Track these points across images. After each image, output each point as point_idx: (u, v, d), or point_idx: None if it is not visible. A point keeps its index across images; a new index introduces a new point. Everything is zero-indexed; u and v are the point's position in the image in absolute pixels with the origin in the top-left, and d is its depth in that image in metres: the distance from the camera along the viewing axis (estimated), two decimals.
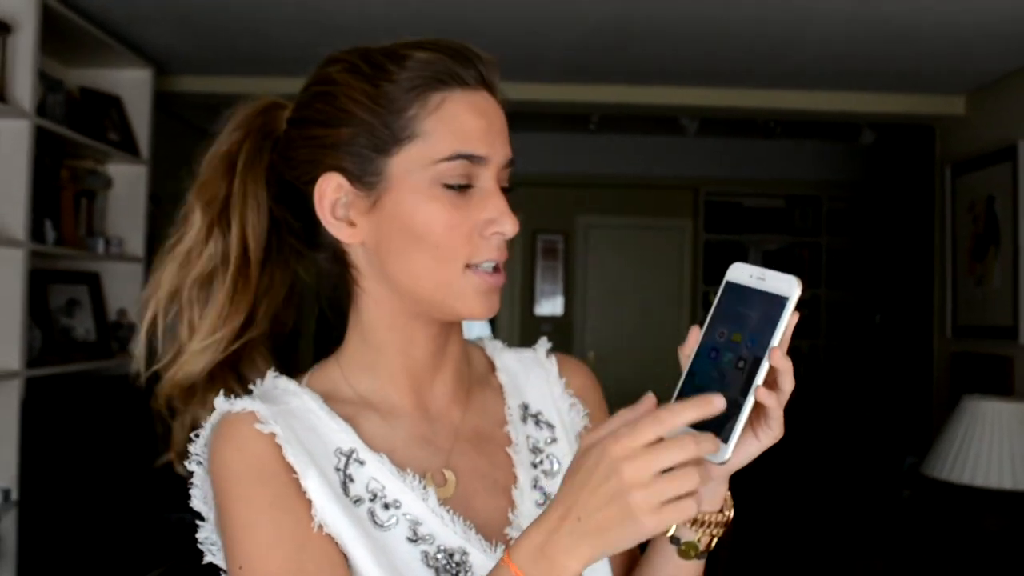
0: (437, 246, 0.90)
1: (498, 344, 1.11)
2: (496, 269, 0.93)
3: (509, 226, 0.91)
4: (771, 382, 0.79)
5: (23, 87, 3.09)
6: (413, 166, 0.90)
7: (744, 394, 0.77)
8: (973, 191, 4.58)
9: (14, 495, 3.03)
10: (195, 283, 0.97)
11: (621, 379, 6.82)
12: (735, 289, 0.83)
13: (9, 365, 3.04)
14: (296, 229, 0.99)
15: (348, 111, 0.91)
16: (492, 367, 1.09)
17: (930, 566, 2.98)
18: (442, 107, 0.90)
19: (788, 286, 0.79)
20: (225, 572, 0.90)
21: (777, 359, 0.77)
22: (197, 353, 0.96)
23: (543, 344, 1.12)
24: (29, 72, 3.11)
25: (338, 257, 0.98)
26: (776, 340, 0.78)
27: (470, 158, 0.90)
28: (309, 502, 0.86)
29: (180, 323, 0.97)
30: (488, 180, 0.92)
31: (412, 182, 0.90)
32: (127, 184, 3.94)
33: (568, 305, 7.38)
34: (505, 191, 0.94)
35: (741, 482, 0.91)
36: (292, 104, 0.99)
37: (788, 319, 0.78)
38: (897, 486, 5.06)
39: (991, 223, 4.38)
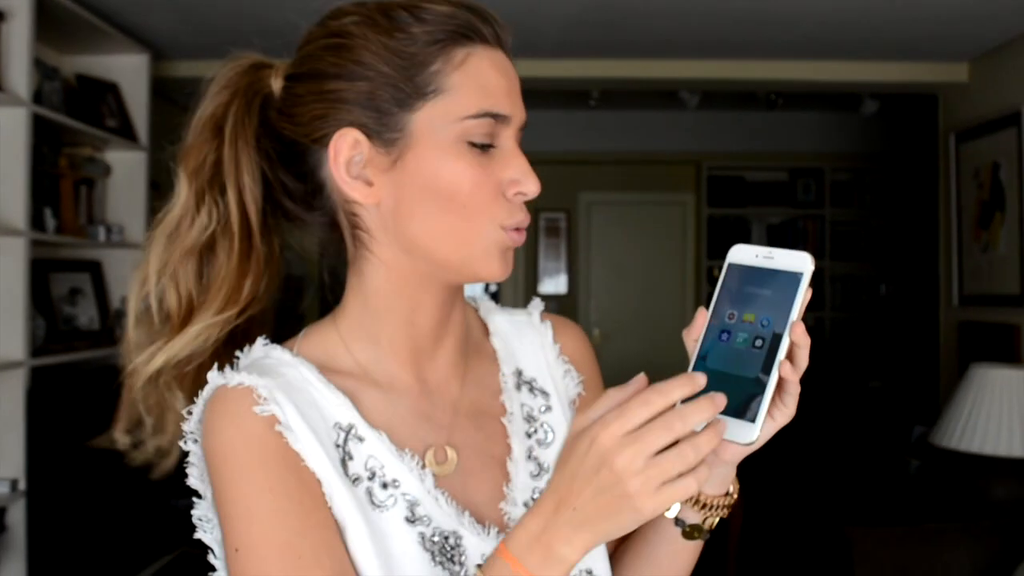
0: (465, 205, 0.87)
1: (492, 305, 1.08)
2: (517, 230, 0.91)
3: (532, 186, 0.89)
4: (789, 358, 0.78)
5: (19, 75, 3.08)
6: (438, 122, 0.86)
7: (766, 372, 0.77)
8: (978, 158, 4.55)
9: (22, 485, 3.04)
10: (187, 255, 0.92)
11: (626, 356, 6.86)
12: (740, 270, 0.83)
13: (13, 355, 3.04)
14: (294, 192, 0.94)
15: (366, 64, 0.86)
16: (486, 330, 1.05)
17: (939, 535, 2.98)
18: (467, 62, 0.87)
19: (801, 262, 0.79)
20: (212, 551, 0.89)
21: (799, 334, 0.77)
22: (203, 329, 0.90)
23: (536, 305, 1.08)
24: (25, 60, 3.09)
25: (343, 220, 0.93)
26: (795, 315, 0.78)
27: (496, 116, 0.87)
28: (314, 483, 0.84)
29: (168, 297, 0.92)
30: (509, 140, 0.90)
31: (436, 139, 0.86)
32: (126, 171, 3.92)
33: (571, 283, 7.37)
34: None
35: (751, 454, 0.90)
36: (289, 60, 0.95)
37: (804, 295, 0.78)
38: (906, 456, 5.06)
39: (996, 190, 4.36)
